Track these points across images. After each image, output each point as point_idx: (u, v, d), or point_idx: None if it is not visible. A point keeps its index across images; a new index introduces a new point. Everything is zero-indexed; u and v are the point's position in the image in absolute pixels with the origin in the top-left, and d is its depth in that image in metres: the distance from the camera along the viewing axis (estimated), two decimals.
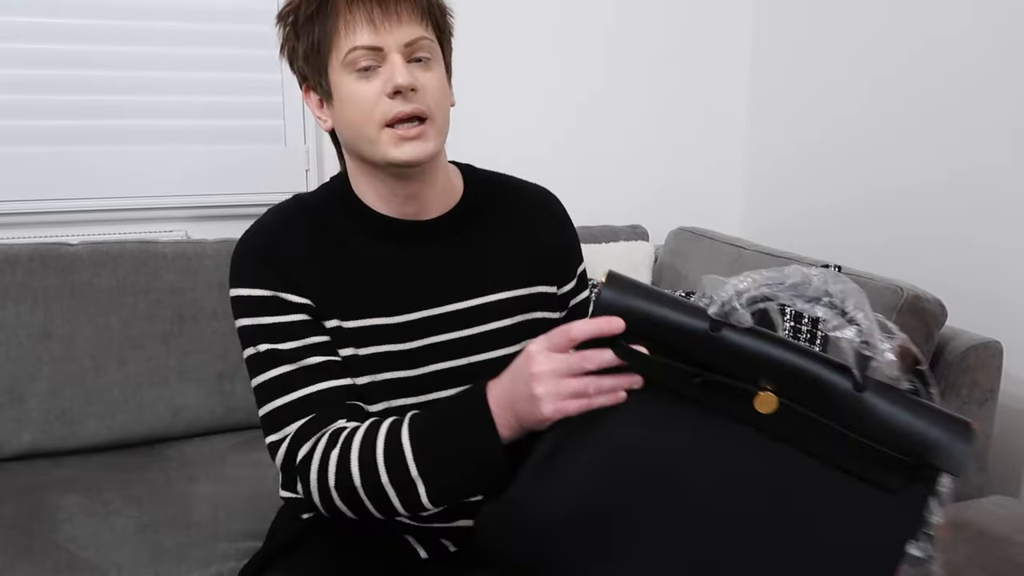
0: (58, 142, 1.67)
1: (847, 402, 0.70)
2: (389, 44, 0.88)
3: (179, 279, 1.59)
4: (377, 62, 0.88)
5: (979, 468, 1.35)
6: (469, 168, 1.06)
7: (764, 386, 0.70)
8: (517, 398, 0.79)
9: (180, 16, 1.70)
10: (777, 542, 0.72)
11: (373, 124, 0.89)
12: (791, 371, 0.70)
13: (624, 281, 0.74)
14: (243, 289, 0.94)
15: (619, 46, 2.03)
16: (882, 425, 0.70)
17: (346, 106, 0.91)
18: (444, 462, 0.84)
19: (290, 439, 0.90)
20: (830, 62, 1.86)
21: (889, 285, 1.31)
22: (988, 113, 1.50)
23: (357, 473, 0.86)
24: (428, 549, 1.02)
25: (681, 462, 0.73)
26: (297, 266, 0.93)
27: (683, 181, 2.15)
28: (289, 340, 0.92)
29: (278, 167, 1.81)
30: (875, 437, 0.70)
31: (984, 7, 1.49)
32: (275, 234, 0.96)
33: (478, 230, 1.01)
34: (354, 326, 0.95)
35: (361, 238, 0.96)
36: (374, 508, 0.87)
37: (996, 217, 1.50)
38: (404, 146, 0.90)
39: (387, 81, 0.88)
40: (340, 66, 0.89)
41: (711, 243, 1.80)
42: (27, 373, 1.49)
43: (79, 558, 1.21)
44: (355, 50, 0.88)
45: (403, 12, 0.88)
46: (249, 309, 0.93)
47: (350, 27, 0.88)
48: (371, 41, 0.88)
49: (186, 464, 1.51)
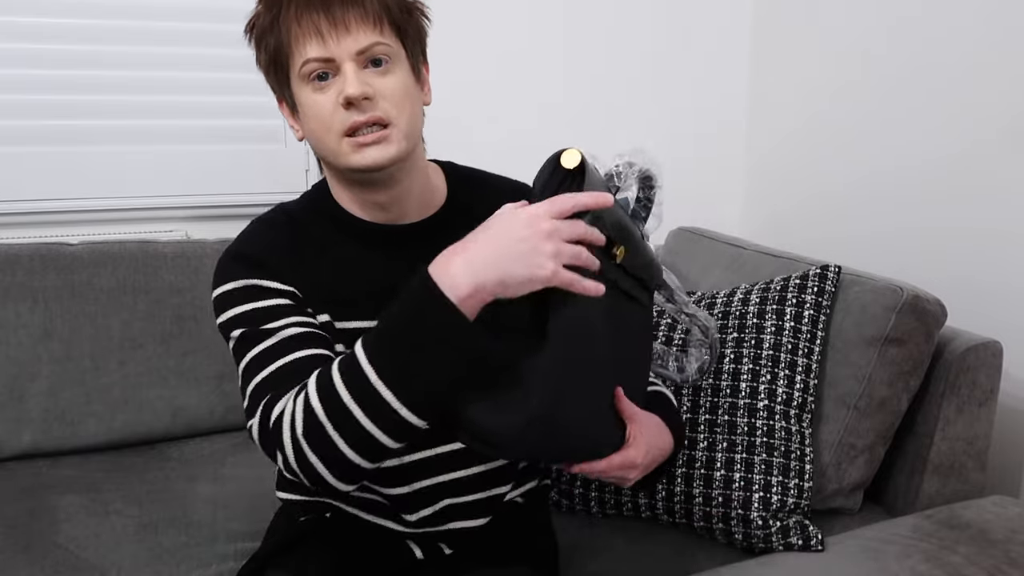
0: (58, 142, 1.67)
1: (640, 244, 0.93)
2: (340, 54, 0.87)
3: (179, 279, 1.59)
4: (332, 71, 0.88)
5: (979, 468, 1.35)
6: (451, 166, 1.05)
7: (618, 243, 0.87)
8: (503, 256, 0.75)
9: (180, 16, 1.70)
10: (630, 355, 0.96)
11: (333, 134, 0.89)
12: (624, 227, 0.88)
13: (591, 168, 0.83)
14: (223, 286, 0.93)
15: (618, 46, 2.03)
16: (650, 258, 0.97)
17: (308, 118, 0.91)
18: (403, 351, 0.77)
19: (261, 410, 0.85)
20: (830, 62, 1.86)
21: (889, 285, 1.31)
22: (989, 113, 1.50)
23: (319, 407, 0.79)
24: (425, 551, 1.02)
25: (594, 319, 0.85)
26: (280, 262, 0.93)
27: (683, 181, 2.14)
28: (269, 321, 0.90)
29: (278, 167, 1.81)
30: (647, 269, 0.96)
31: (985, 8, 1.49)
32: (260, 242, 0.96)
33: (461, 231, 1.00)
34: (341, 327, 0.95)
35: (342, 245, 0.96)
36: (350, 448, 0.79)
37: (996, 217, 1.50)
38: (365, 152, 0.89)
39: (340, 92, 0.87)
40: (298, 78, 0.89)
41: (711, 243, 1.80)
42: (27, 373, 1.49)
43: (79, 558, 1.22)
44: (308, 62, 0.88)
45: (351, 21, 0.87)
46: (226, 303, 0.92)
47: (300, 40, 0.87)
48: (321, 53, 0.87)
49: (186, 464, 1.51)
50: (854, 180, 1.82)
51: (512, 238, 0.76)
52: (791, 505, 1.23)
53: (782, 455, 1.24)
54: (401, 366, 0.77)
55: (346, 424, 0.78)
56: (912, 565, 1.09)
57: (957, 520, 1.20)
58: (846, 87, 1.82)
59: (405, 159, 0.92)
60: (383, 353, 0.78)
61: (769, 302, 1.34)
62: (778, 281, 1.37)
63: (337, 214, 0.97)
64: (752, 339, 1.31)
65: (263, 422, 0.84)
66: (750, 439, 1.25)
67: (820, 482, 1.30)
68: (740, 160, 2.18)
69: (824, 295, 1.33)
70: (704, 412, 1.29)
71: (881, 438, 1.32)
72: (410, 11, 0.93)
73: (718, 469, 1.25)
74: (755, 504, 1.22)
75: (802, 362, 1.29)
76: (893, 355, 1.28)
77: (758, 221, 2.15)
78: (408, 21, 0.92)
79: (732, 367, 1.30)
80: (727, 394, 1.29)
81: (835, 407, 1.31)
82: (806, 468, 1.25)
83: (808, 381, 1.28)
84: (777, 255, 1.58)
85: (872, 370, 1.28)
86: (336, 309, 0.94)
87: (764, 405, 1.26)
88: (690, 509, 1.26)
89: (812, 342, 1.30)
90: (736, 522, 1.23)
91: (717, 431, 1.27)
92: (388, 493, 0.98)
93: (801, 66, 1.96)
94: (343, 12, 0.87)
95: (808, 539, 1.20)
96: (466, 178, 1.04)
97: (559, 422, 0.81)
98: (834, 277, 1.34)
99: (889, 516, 1.33)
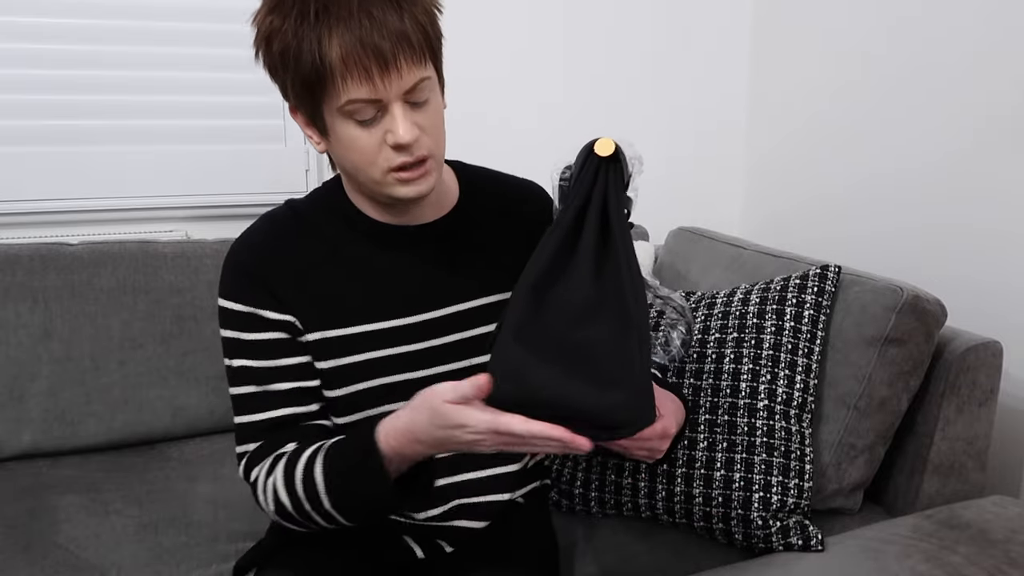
0: (58, 142, 1.67)
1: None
2: (389, 96, 0.84)
3: (179, 279, 1.59)
4: (377, 111, 0.85)
5: (979, 468, 1.35)
6: (461, 166, 1.06)
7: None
8: (444, 440, 0.80)
9: (180, 16, 1.70)
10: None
11: (377, 169, 0.88)
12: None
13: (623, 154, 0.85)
14: (227, 301, 0.95)
15: (618, 46, 2.03)
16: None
17: (346, 149, 0.88)
18: (349, 500, 0.88)
19: (247, 459, 0.95)
20: (830, 62, 1.86)
21: (889, 285, 1.31)
22: (989, 113, 1.50)
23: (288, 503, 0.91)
24: (425, 549, 1.02)
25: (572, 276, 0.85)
26: (283, 279, 0.94)
27: (683, 181, 2.15)
28: (262, 358, 0.94)
29: (278, 167, 1.81)
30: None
31: (985, 6, 1.49)
32: (264, 244, 0.96)
33: (473, 231, 1.01)
34: (342, 334, 0.95)
35: (353, 245, 0.96)
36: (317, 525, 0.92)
37: (996, 217, 1.50)
38: (409, 186, 0.89)
39: (389, 133, 0.85)
40: (337, 111, 0.85)
41: (711, 243, 1.80)
42: (27, 373, 1.49)
43: (79, 558, 1.22)
44: (353, 103, 0.83)
45: (402, 63, 0.83)
46: (230, 321, 0.95)
47: (346, 79, 0.82)
48: (370, 95, 0.83)
49: (186, 464, 1.51)
50: (854, 180, 1.82)
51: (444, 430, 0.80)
52: (791, 505, 1.23)
53: (782, 455, 1.24)
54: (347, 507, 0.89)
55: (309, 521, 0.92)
56: (912, 565, 1.09)
57: (957, 520, 1.20)
58: (846, 87, 1.82)
59: None
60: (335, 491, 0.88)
61: (769, 302, 1.34)
62: (778, 281, 1.37)
63: (350, 214, 0.97)
64: (752, 339, 1.31)
65: (245, 471, 0.96)
66: (750, 439, 1.25)
67: (820, 482, 1.30)
68: (740, 160, 2.18)
69: (824, 295, 1.33)
70: (704, 412, 1.29)
71: (881, 438, 1.32)
72: (433, 21, 0.88)
73: (718, 469, 1.25)
74: (755, 504, 1.22)
75: (802, 362, 1.29)
76: (893, 355, 1.28)
77: (758, 221, 2.15)
78: (436, 33, 0.88)
79: (732, 367, 1.30)
80: (727, 394, 1.29)
81: (835, 407, 1.31)
82: (806, 468, 1.25)
83: (808, 381, 1.28)
84: (777, 255, 1.58)
85: (872, 370, 1.28)
86: (336, 316, 0.95)
87: (764, 405, 1.26)
88: (690, 509, 1.26)
89: (812, 342, 1.30)
90: (736, 522, 1.23)
91: (717, 431, 1.27)
92: None
93: (801, 66, 1.96)
94: (394, 54, 0.82)
95: (808, 539, 1.20)
96: (477, 177, 1.05)
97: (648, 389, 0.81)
98: (834, 277, 1.34)
99: (889, 516, 1.33)
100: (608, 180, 0.83)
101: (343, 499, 0.87)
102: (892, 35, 1.69)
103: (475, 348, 0.98)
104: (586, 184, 0.82)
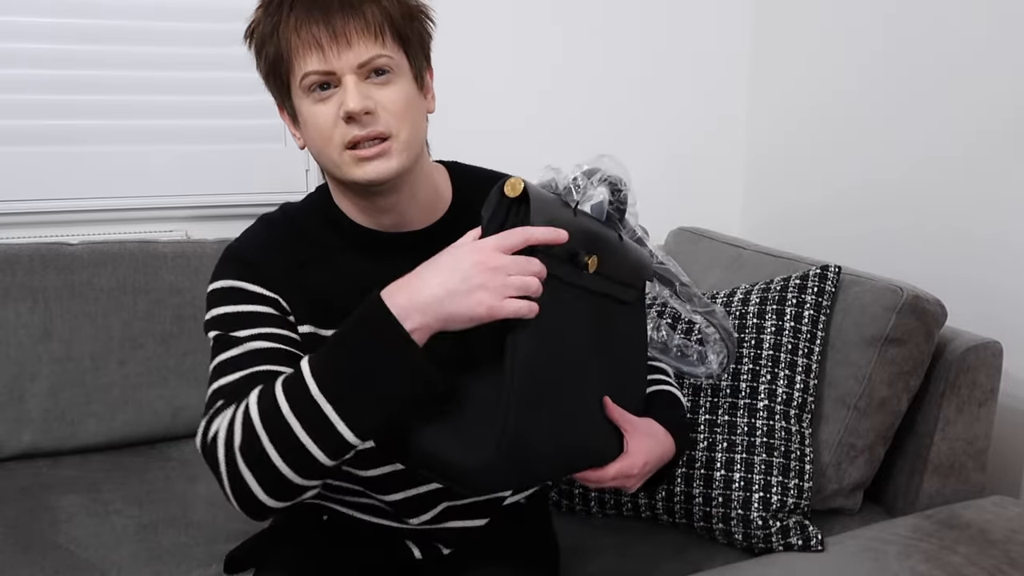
0: (58, 142, 1.67)
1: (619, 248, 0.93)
2: (341, 67, 0.85)
3: (179, 279, 1.59)
4: (333, 83, 0.86)
5: (979, 468, 1.35)
6: (456, 167, 1.04)
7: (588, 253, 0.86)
8: (446, 295, 0.76)
9: (180, 16, 1.70)
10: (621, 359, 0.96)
11: (333, 147, 0.87)
12: (596, 235, 0.88)
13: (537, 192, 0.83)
14: (214, 283, 0.93)
15: (617, 46, 2.03)
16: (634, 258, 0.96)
17: (309, 129, 0.89)
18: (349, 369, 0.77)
19: (205, 421, 0.84)
20: (830, 62, 1.86)
21: (889, 285, 1.31)
22: (989, 114, 1.50)
23: (258, 419, 0.78)
24: (423, 550, 1.02)
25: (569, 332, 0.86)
26: (271, 266, 0.92)
27: (683, 181, 2.15)
28: (243, 328, 0.89)
29: (278, 167, 1.81)
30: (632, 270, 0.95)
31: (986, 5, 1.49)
32: (258, 243, 0.95)
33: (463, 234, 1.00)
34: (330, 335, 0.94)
35: (342, 252, 0.95)
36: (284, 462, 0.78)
37: (997, 217, 1.50)
38: (366, 166, 0.87)
39: (341, 105, 0.85)
40: (298, 89, 0.87)
41: (711, 243, 1.80)
42: (27, 373, 1.49)
43: (79, 558, 1.22)
44: (308, 75, 0.86)
45: (352, 33, 0.85)
46: (211, 302, 0.92)
47: (300, 52, 0.85)
48: (321, 66, 0.85)
49: (186, 464, 1.51)
50: (855, 180, 1.82)
51: (456, 276, 0.76)
52: (791, 505, 1.23)
53: (782, 455, 1.24)
54: (345, 382, 0.77)
55: (283, 438, 0.77)
56: (912, 565, 1.09)
57: (957, 520, 1.20)
58: (846, 87, 1.82)
59: (407, 171, 0.90)
60: (328, 369, 0.78)
61: (769, 302, 1.34)
62: (778, 281, 1.37)
63: (339, 220, 0.96)
64: (752, 339, 1.31)
65: (204, 433, 0.83)
66: (750, 439, 1.25)
67: (820, 482, 1.30)
68: (740, 160, 2.18)
69: (824, 295, 1.33)
70: (704, 412, 1.29)
71: (881, 438, 1.32)
72: (412, 17, 0.90)
73: (718, 469, 1.25)
74: (755, 504, 1.22)
75: (802, 362, 1.29)
76: (893, 355, 1.28)
77: (758, 221, 2.15)
78: (411, 28, 0.90)
79: (732, 367, 1.30)
80: (727, 394, 1.29)
81: (835, 407, 1.31)
82: (806, 468, 1.25)
83: (808, 381, 1.28)
84: (777, 255, 1.58)
85: (872, 370, 1.28)
86: (327, 318, 0.92)
87: (764, 405, 1.26)
88: (690, 509, 1.26)
89: (812, 342, 1.30)
90: (736, 522, 1.23)
91: (717, 431, 1.27)
92: (387, 500, 0.98)
93: (801, 66, 1.96)
94: (344, 24, 0.84)
95: (808, 539, 1.20)
96: (472, 178, 1.02)
97: (533, 447, 0.79)
98: (834, 277, 1.34)
99: (889, 516, 1.33)
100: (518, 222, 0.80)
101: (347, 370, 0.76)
102: (892, 35, 1.69)
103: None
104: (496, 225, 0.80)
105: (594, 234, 0.88)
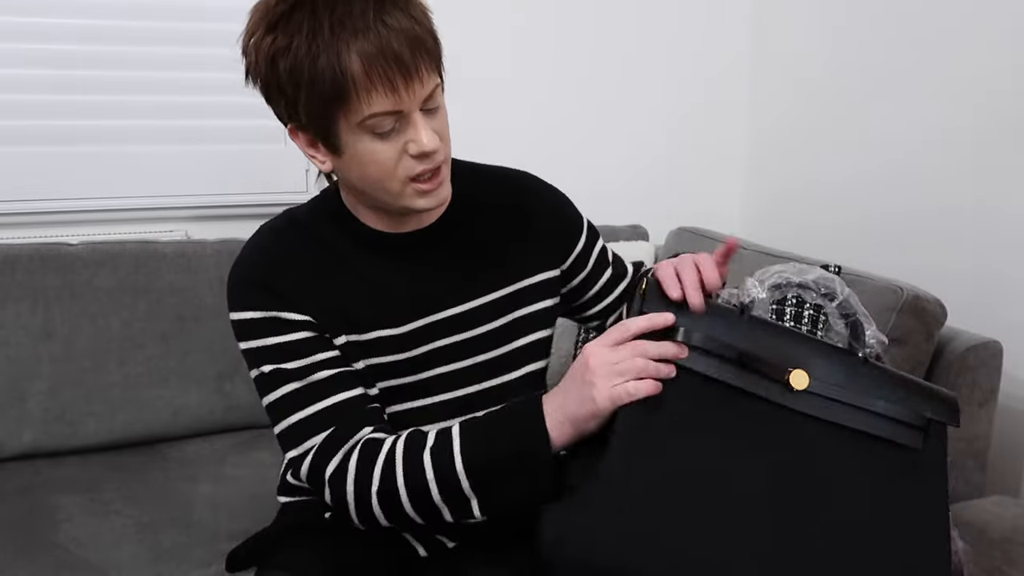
0: (58, 142, 1.67)
1: (859, 369, 0.78)
2: (411, 106, 0.83)
3: (179, 279, 1.59)
4: (396, 122, 0.83)
5: (979, 468, 1.35)
6: (455, 163, 1.03)
7: (793, 364, 0.76)
8: (571, 400, 0.80)
9: (180, 16, 1.70)
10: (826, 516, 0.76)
11: (396, 180, 0.86)
12: (813, 348, 0.78)
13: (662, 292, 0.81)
14: (240, 313, 0.92)
15: (618, 45, 2.03)
16: (889, 387, 0.78)
17: (363, 164, 0.86)
18: (498, 478, 0.84)
19: (314, 453, 0.89)
20: (831, 60, 1.86)
21: (889, 285, 1.31)
22: (990, 115, 1.50)
23: (404, 489, 0.86)
24: (427, 546, 1.02)
25: (728, 458, 0.76)
26: (293, 287, 0.92)
27: (683, 181, 2.15)
28: (294, 359, 0.90)
29: (278, 167, 1.81)
30: (887, 399, 0.78)
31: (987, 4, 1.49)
32: (268, 258, 0.94)
33: (471, 230, 1.00)
34: (362, 339, 0.94)
35: (356, 253, 0.95)
36: (419, 517, 0.88)
37: (997, 218, 1.50)
38: (428, 196, 0.88)
39: (412, 143, 0.84)
40: (356, 126, 0.83)
41: (711, 243, 1.80)
42: (27, 373, 1.49)
43: (79, 558, 1.21)
44: (375, 116, 0.82)
45: (423, 70, 0.82)
46: (250, 331, 0.91)
47: (370, 92, 0.80)
48: (393, 106, 0.81)
49: (186, 464, 1.51)
50: (855, 180, 1.82)
51: (575, 379, 0.81)
52: None
53: None
54: (493, 484, 0.84)
55: (422, 501, 0.86)
56: None
57: (956, 520, 1.19)
58: (847, 86, 1.82)
59: None
60: (480, 468, 0.84)
61: None
62: None
63: (352, 225, 0.96)
64: None
65: (314, 468, 0.90)
66: None
67: None
68: (740, 160, 2.18)
69: None
70: None
71: None
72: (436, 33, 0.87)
73: None
74: None
75: None
76: (893, 355, 1.28)
77: (758, 219, 2.15)
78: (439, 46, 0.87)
79: None
80: None
81: None
82: None
83: None
84: (777, 255, 1.58)
85: None
86: (354, 323, 0.93)
87: None
88: None
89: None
90: None
91: None
92: None
93: (803, 64, 1.96)
94: (415, 61, 0.80)
95: None
96: (466, 171, 1.03)
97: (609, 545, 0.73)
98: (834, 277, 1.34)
99: None
100: None
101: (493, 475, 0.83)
102: (892, 33, 1.69)
103: (479, 346, 0.98)
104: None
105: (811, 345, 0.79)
